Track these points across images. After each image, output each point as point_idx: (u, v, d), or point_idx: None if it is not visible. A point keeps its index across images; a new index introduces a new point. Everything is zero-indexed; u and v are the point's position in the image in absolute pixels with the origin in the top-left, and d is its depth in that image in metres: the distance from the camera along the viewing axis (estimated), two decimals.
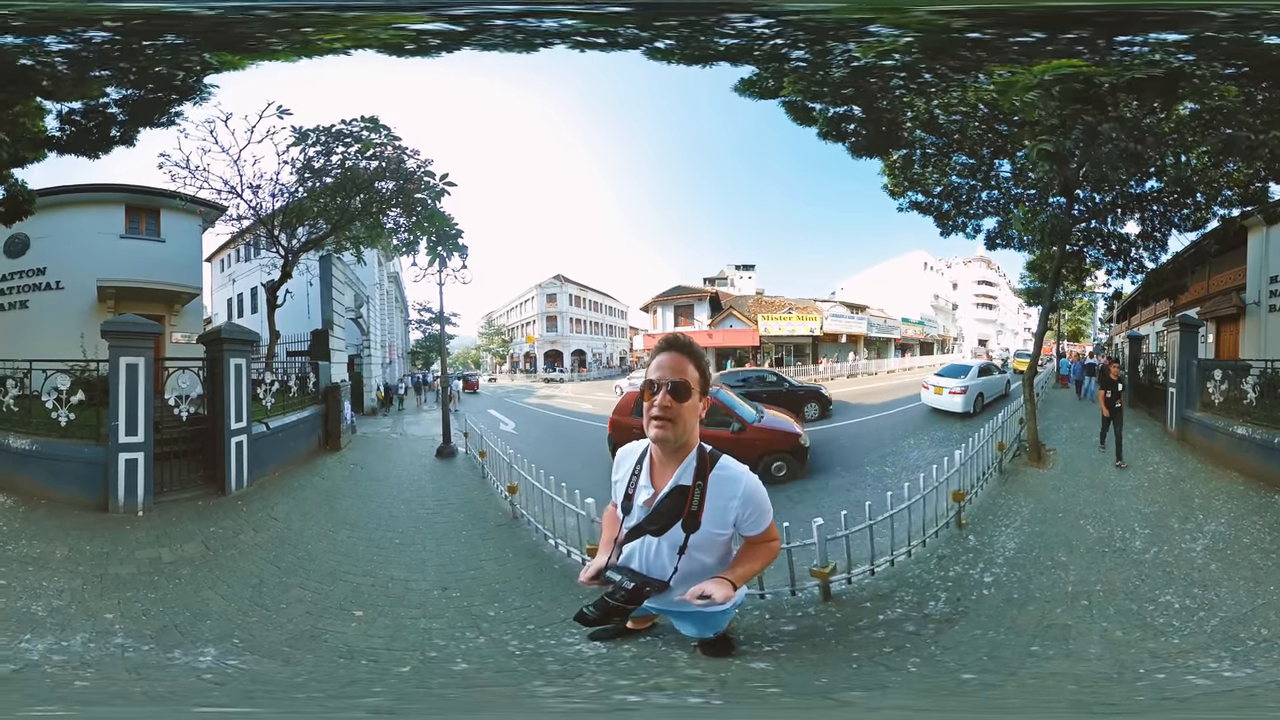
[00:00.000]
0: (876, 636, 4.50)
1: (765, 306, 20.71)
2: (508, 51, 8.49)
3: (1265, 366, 8.65)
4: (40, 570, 5.48)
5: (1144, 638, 4.37)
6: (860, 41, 8.11)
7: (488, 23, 8.10)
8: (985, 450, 8.16)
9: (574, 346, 23.07)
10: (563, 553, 6.46)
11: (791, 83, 9.22)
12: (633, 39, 8.39)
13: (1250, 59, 7.46)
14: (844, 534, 5.48)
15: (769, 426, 9.82)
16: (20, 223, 10.78)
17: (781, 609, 5.04)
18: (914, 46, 8.07)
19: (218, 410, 8.27)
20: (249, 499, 7.99)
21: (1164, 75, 7.51)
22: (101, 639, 4.36)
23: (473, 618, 4.97)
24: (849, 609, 5.05)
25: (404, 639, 4.59)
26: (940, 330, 24.27)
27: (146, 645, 4.31)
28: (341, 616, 5.00)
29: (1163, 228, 10.10)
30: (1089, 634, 4.45)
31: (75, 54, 7.92)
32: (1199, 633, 4.42)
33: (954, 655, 4.18)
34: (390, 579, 5.85)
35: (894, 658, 4.10)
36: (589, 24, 8.09)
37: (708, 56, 8.71)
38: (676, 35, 8.32)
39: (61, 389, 7.68)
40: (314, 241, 11.79)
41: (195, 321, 12.96)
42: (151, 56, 8.39)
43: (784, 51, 8.66)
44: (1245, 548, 5.94)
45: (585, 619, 2.91)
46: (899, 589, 5.44)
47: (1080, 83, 7.79)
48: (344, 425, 11.93)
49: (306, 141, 10.62)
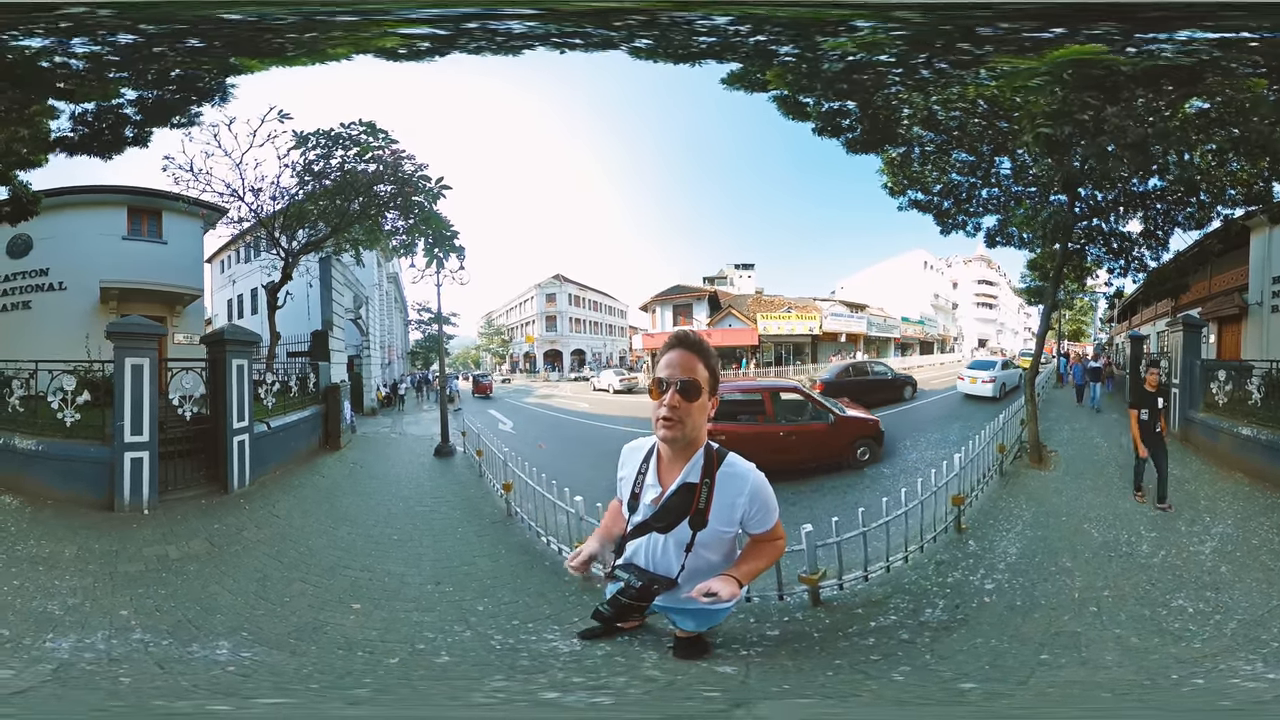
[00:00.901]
0: (865, 644, 4.40)
1: (764, 306, 20.72)
2: (505, 54, 8.52)
3: (1270, 367, 8.61)
4: (51, 570, 5.51)
5: (1164, 644, 4.28)
6: (852, 36, 8.03)
7: (489, 25, 8.11)
8: (986, 452, 8.08)
9: (573, 346, 23.09)
10: (554, 550, 6.54)
11: (778, 76, 9.15)
12: (631, 38, 8.40)
13: (1273, 55, 7.34)
14: (834, 540, 5.30)
15: (856, 416, 10.56)
16: (24, 223, 10.84)
17: (768, 613, 4.95)
18: (907, 39, 7.98)
19: (220, 410, 8.31)
20: (251, 497, 8.05)
21: (1186, 67, 7.30)
22: (121, 635, 4.41)
23: (462, 612, 5.03)
24: (839, 615, 4.95)
25: (397, 631, 4.65)
26: (940, 329, 24.27)
27: (165, 640, 4.36)
28: (341, 609, 5.06)
29: (1165, 226, 10.00)
30: (1103, 641, 4.34)
31: (96, 56, 7.95)
32: (1219, 636, 4.33)
33: (951, 664, 4.07)
34: (387, 573, 5.93)
35: (880, 665, 4.02)
36: (587, 23, 8.10)
37: (702, 55, 8.70)
38: (675, 34, 8.32)
39: (67, 389, 7.71)
40: (314, 243, 11.84)
41: (196, 323, 12.98)
42: (171, 60, 8.44)
43: (771, 46, 8.60)
44: (1255, 549, 5.86)
45: (600, 618, 2.90)
46: (894, 595, 5.31)
47: (1099, 69, 7.54)
48: (344, 425, 11.96)
49: (306, 145, 10.70)
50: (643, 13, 8.02)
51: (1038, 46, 7.69)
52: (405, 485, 9.65)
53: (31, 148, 9.08)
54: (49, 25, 7.14)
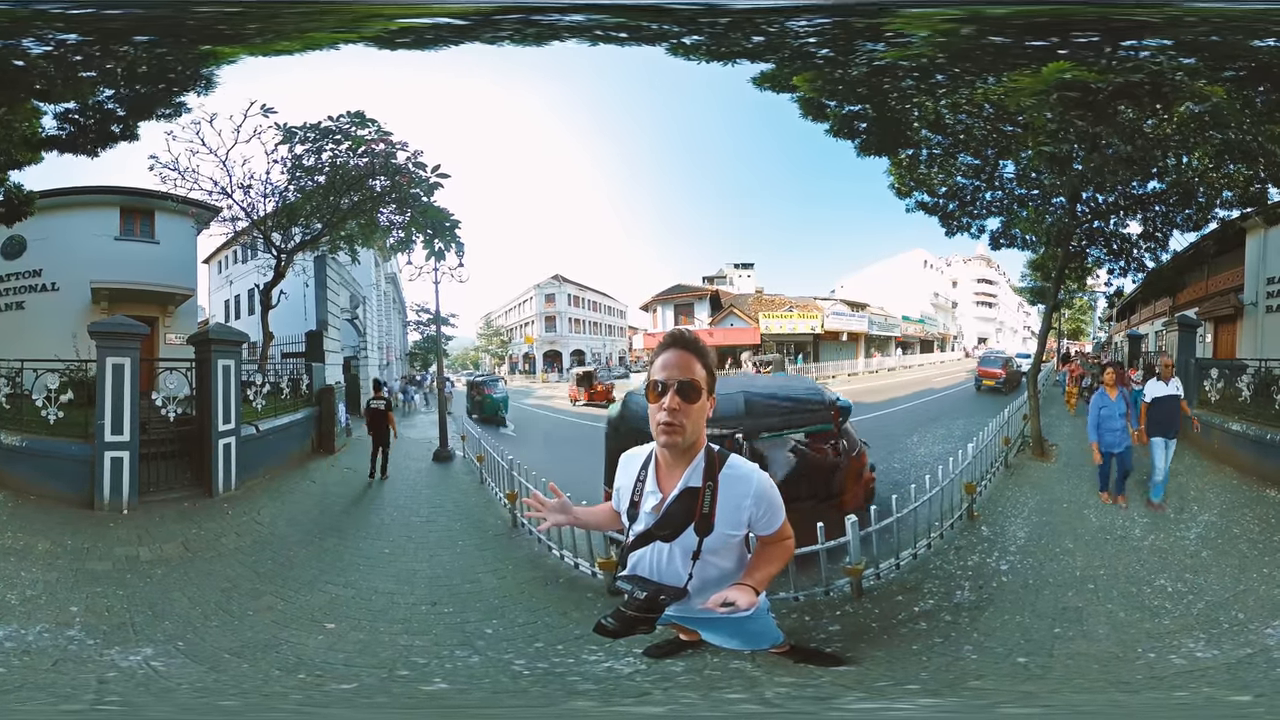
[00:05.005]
0: (919, 628, 4.71)
1: (766, 305, 20.66)
2: (504, 46, 8.43)
3: (1260, 366, 8.79)
4: (21, 562, 5.57)
5: (1142, 619, 4.70)
6: (888, 42, 8.12)
7: (488, 18, 8.04)
8: (992, 445, 8.51)
9: (573, 347, 23.04)
10: (568, 564, 6.19)
11: (808, 80, 9.19)
12: (631, 35, 8.33)
13: (1242, 62, 7.46)
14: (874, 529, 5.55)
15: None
16: (18, 225, 10.86)
17: (818, 609, 5.13)
18: (931, 49, 8.11)
19: (205, 411, 8.26)
20: (235, 502, 7.97)
21: (1151, 80, 7.53)
22: (57, 630, 4.42)
23: (466, 635, 4.76)
24: (884, 604, 5.20)
25: (373, 655, 4.44)
26: (940, 328, 24.17)
27: (93, 640, 4.36)
28: (309, 628, 4.89)
29: (1164, 228, 10.16)
30: (1098, 615, 4.78)
31: (66, 54, 7.93)
32: (1186, 615, 4.74)
33: (997, 640, 4.46)
34: (374, 591, 5.69)
35: (944, 647, 4.36)
36: (583, 19, 8.04)
37: (712, 54, 8.66)
38: (675, 31, 8.27)
39: (51, 388, 7.73)
40: (307, 242, 11.76)
41: (190, 323, 12.93)
42: (143, 54, 8.39)
43: (804, 49, 8.65)
44: (1235, 538, 6.27)
45: (604, 630, 2.77)
46: (925, 581, 5.63)
47: (1076, 90, 7.86)
48: (339, 428, 11.91)
49: (294, 139, 10.57)
50: (648, 10, 7.99)
51: (1032, 58, 7.80)
52: (400, 493, 9.41)
53: (19, 148, 9.08)
54: (14, 23, 7.12)
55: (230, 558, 6.25)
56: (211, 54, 8.52)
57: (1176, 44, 7.42)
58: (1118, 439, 7.36)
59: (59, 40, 7.63)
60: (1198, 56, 7.55)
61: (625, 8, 7.98)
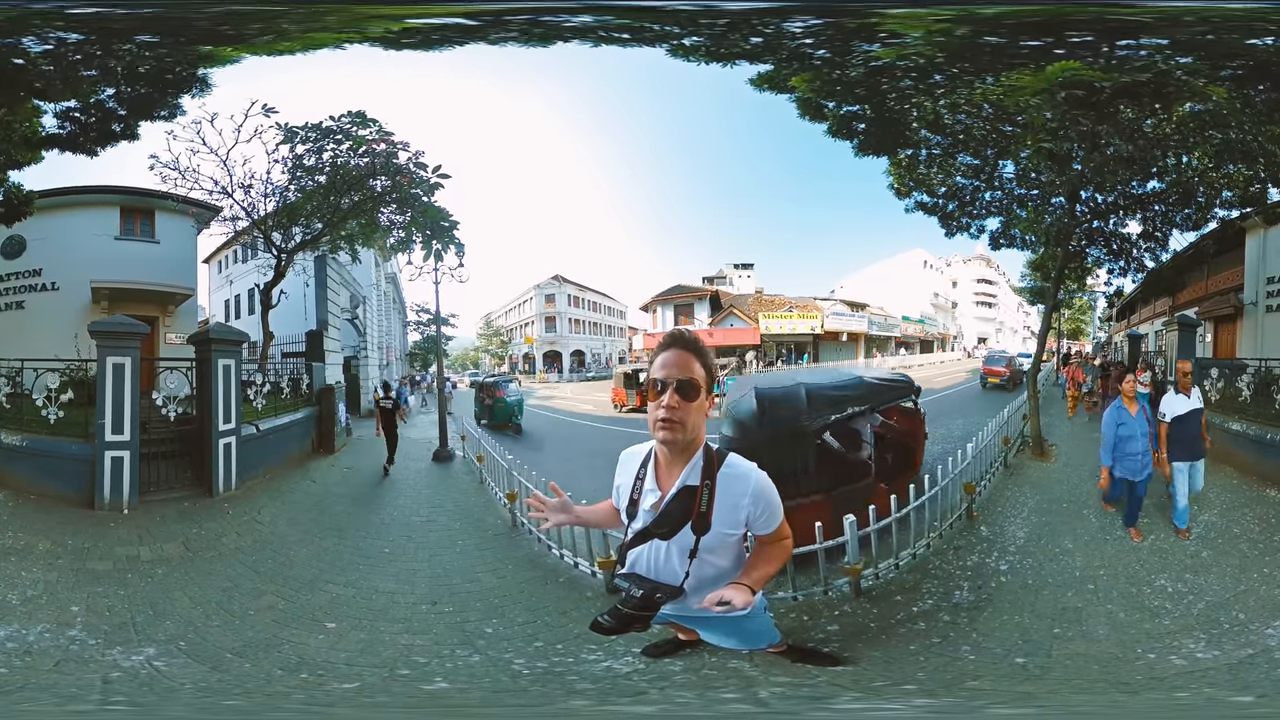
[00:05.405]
0: (918, 628, 4.72)
1: (766, 305, 20.65)
2: (506, 46, 8.43)
3: (1260, 365, 8.77)
4: (22, 562, 5.57)
5: (1142, 619, 4.68)
6: (882, 42, 8.13)
7: (498, 18, 8.03)
8: (992, 445, 8.48)
9: (573, 347, 23.03)
10: (568, 563, 6.18)
11: (806, 81, 9.19)
12: (634, 36, 8.33)
13: (1239, 60, 7.46)
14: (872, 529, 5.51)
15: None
16: (18, 224, 10.86)
17: (817, 608, 5.13)
18: (928, 49, 8.12)
19: (205, 411, 8.27)
20: (235, 501, 7.98)
21: (1154, 79, 7.52)
22: (58, 630, 4.42)
23: (466, 634, 4.78)
24: (883, 604, 5.20)
25: (375, 655, 4.45)
26: (940, 328, 24.17)
27: (94, 640, 4.36)
28: (310, 627, 4.90)
29: (1164, 228, 10.15)
30: (1098, 615, 4.76)
31: (66, 53, 7.93)
32: (1187, 615, 4.72)
33: (995, 640, 4.47)
34: (375, 590, 5.70)
35: (942, 647, 4.36)
36: (591, 20, 8.04)
37: (711, 55, 8.66)
38: (675, 33, 8.26)
39: (52, 387, 7.74)
40: (307, 242, 11.77)
41: (190, 322, 12.93)
42: (144, 53, 8.39)
43: (801, 50, 8.66)
44: (1235, 538, 6.20)
45: (600, 628, 2.78)
46: (924, 581, 5.64)
47: (1080, 89, 7.84)
48: (339, 427, 11.92)
49: (295, 139, 10.57)
50: (650, 10, 7.99)
51: (1032, 58, 7.80)
52: (400, 492, 9.43)
53: (19, 147, 9.08)
54: (13, 23, 7.12)
55: (231, 557, 6.25)
56: (213, 54, 8.51)
57: (1173, 43, 7.43)
58: (1138, 465, 6.01)
59: (59, 39, 7.63)
60: (1195, 55, 7.56)
61: (629, 9, 7.98)
